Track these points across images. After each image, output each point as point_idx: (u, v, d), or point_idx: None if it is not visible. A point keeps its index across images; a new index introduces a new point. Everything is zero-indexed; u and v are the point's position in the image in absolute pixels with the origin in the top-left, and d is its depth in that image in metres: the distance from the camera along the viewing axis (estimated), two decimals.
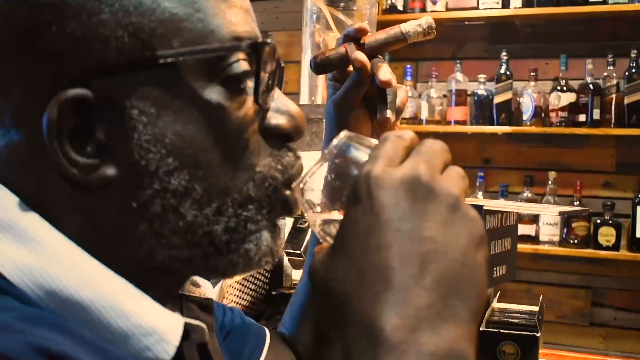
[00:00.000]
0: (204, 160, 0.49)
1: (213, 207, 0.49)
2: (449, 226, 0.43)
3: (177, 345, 0.47)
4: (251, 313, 1.10)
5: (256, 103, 0.51)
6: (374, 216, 0.43)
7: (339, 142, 0.51)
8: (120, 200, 0.48)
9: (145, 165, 0.47)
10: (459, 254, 0.43)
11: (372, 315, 0.41)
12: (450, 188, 0.44)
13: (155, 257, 0.50)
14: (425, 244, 0.42)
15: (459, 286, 0.42)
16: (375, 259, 0.42)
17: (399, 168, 0.45)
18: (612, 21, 2.98)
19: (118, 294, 0.47)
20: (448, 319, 0.41)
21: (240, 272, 0.53)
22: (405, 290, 0.41)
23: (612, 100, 2.86)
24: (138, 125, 0.47)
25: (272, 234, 0.53)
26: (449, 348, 0.40)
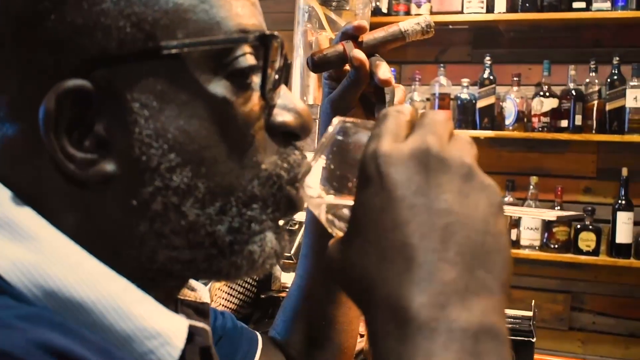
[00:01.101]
0: (207, 156, 0.47)
1: (216, 206, 0.48)
2: (465, 196, 0.41)
3: (181, 348, 0.45)
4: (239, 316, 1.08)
5: (262, 99, 0.49)
6: (387, 194, 0.41)
7: (335, 128, 0.49)
8: (120, 197, 0.46)
9: (146, 161, 0.45)
10: (479, 224, 0.41)
11: (397, 295, 0.39)
12: (462, 157, 0.42)
13: (155, 259, 0.48)
14: (444, 216, 0.40)
15: (484, 256, 0.40)
16: (394, 238, 0.40)
17: (406, 142, 0.43)
18: (595, 28, 3.01)
19: (121, 295, 0.44)
20: (477, 291, 0.39)
21: (244, 275, 0.50)
22: (429, 266, 0.39)
23: (593, 106, 2.89)
24: (139, 119, 0.45)
25: (276, 235, 0.51)
26: (480, 323, 0.38)
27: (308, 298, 0.80)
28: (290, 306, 0.82)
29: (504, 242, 0.41)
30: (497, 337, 0.39)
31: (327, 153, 0.48)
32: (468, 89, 3.08)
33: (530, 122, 2.97)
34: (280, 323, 0.82)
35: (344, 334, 0.81)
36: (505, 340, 0.39)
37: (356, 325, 0.84)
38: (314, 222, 0.80)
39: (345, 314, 0.81)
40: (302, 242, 0.84)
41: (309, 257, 0.80)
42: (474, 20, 3.04)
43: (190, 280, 0.59)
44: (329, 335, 0.80)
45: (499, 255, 0.41)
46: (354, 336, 0.84)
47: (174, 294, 0.55)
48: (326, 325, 0.80)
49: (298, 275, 0.82)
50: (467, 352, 0.37)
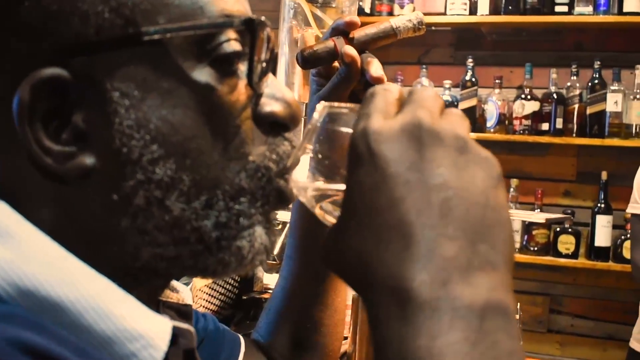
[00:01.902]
0: (192, 148, 0.44)
1: (202, 200, 0.45)
2: (462, 169, 0.39)
3: (165, 351, 0.43)
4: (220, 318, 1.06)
5: (249, 87, 0.47)
6: (379, 172, 0.39)
7: (321, 114, 0.47)
8: (100, 192, 0.44)
9: (128, 153, 0.43)
10: (478, 197, 0.38)
11: (396, 275, 0.37)
12: (456, 129, 0.40)
13: (139, 256, 0.45)
14: (441, 191, 0.38)
15: (486, 230, 0.38)
16: (389, 217, 0.38)
17: (396, 119, 0.41)
18: (577, 32, 3.02)
19: (101, 294, 0.42)
20: (480, 267, 0.37)
21: (232, 272, 0.48)
22: (428, 243, 0.37)
23: (574, 110, 2.90)
24: (120, 109, 0.43)
25: (266, 229, 0.49)
26: (485, 300, 0.36)
27: (292, 300, 0.78)
28: (274, 308, 0.80)
29: (505, 215, 0.39)
30: (504, 313, 0.36)
31: (314, 141, 0.46)
32: (450, 91, 3.08)
33: (511, 125, 2.98)
34: (264, 325, 0.80)
35: (329, 337, 0.80)
36: (513, 317, 0.37)
37: (341, 328, 0.82)
38: (299, 222, 0.78)
39: (331, 317, 0.79)
40: (286, 242, 0.82)
41: (293, 258, 0.79)
42: (456, 22, 3.05)
43: (173, 281, 0.56)
44: (313, 338, 0.79)
45: (501, 229, 0.39)
46: (339, 339, 0.82)
47: (157, 293, 0.53)
48: (311, 328, 0.78)
49: (282, 277, 0.80)
50: (474, 330, 0.35)
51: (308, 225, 0.77)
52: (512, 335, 0.36)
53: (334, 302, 0.79)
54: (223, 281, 1.06)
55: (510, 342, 0.36)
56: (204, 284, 1.00)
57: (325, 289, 0.78)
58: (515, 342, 0.36)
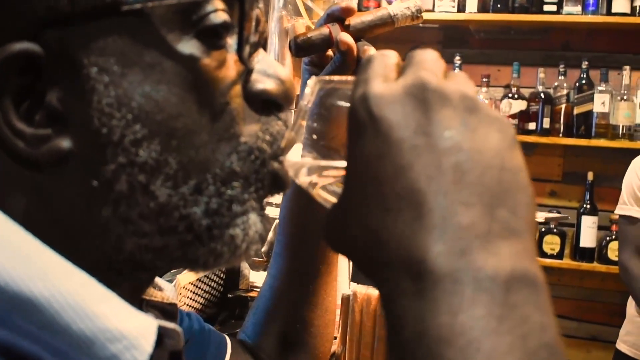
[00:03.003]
0: (178, 127, 0.41)
1: (190, 185, 0.42)
2: (473, 130, 0.35)
3: (150, 353, 0.39)
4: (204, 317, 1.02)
5: (240, 62, 0.44)
6: (383, 138, 0.35)
7: (314, 89, 0.43)
8: (78, 178, 0.40)
9: (108, 134, 0.39)
10: (493, 159, 0.35)
11: (408, 247, 0.34)
12: (463, 89, 0.37)
13: (122, 248, 0.42)
14: (452, 154, 0.35)
15: (504, 195, 0.34)
16: (397, 186, 0.35)
17: (398, 82, 0.37)
18: (565, 31, 3.02)
19: (80, 291, 0.38)
20: (502, 234, 0.33)
21: (225, 263, 0.44)
22: (442, 211, 0.33)
23: (561, 110, 2.90)
24: (98, 86, 0.39)
25: (261, 217, 0.45)
26: (510, 269, 0.33)
27: (281, 299, 0.75)
28: (261, 307, 0.76)
29: (524, 177, 0.36)
30: (532, 284, 0.33)
31: (309, 118, 0.43)
32: None
33: None
34: (251, 325, 0.77)
35: (319, 338, 0.76)
36: (543, 287, 0.33)
37: (332, 328, 0.79)
38: (289, 217, 0.75)
39: (321, 317, 0.76)
40: (274, 239, 0.78)
41: (282, 256, 0.75)
42: (444, 19, 3.02)
43: (157, 278, 0.53)
44: (303, 339, 0.75)
45: (520, 193, 0.35)
46: (329, 340, 0.79)
47: (141, 290, 0.49)
48: (300, 329, 0.75)
49: (270, 275, 0.76)
50: (499, 304, 0.32)
51: (298, 221, 0.74)
52: (542, 308, 0.33)
53: (324, 301, 0.76)
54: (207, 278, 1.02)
55: (541, 315, 0.32)
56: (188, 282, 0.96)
57: (315, 288, 0.75)
58: (547, 316, 0.33)
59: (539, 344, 0.32)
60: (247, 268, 1.07)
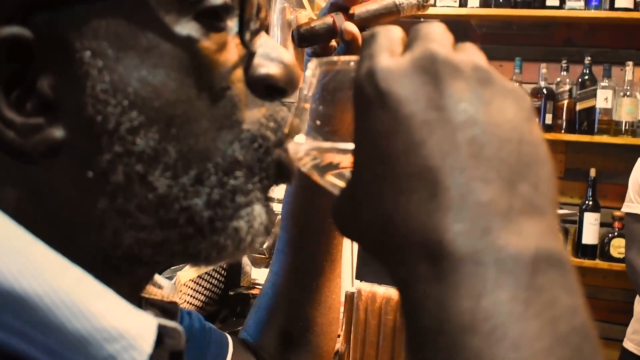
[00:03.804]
0: (177, 114, 0.39)
1: (191, 175, 0.40)
2: (488, 103, 0.33)
3: (149, 353, 0.37)
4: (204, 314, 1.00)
5: (242, 45, 0.42)
6: (391, 114, 0.33)
7: (314, 72, 0.42)
8: (72, 169, 0.38)
9: (102, 122, 0.37)
10: (511, 132, 0.33)
11: (424, 229, 0.31)
12: (475, 60, 0.35)
13: (119, 242, 0.40)
14: (466, 128, 0.32)
15: (525, 169, 0.32)
16: (409, 164, 0.32)
17: (405, 55, 0.35)
18: (567, 27, 3.00)
19: (75, 288, 0.36)
20: (524, 211, 0.31)
21: (229, 257, 0.42)
22: (459, 188, 0.31)
23: (564, 105, 2.88)
24: (92, 71, 0.37)
25: (266, 207, 0.43)
26: (535, 249, 0.30)
27: (284, 297, 0.73)
28: (263, 305, 0.75)
29: (544, 151, 0.34)
30: (559, 264, 0.31)
31: (312, 101, 0.41)
32: None
33: None
34: (253, 324, 0.75)
35: (322, 337, 0.74)
36: (570, 268, 0.31)
37: (336, 326, 0.77)
38: (292, 212, 0.73)
39: (325, 315, 0.74)
40: (277, 235, 0.76)
41: (285, 252, 0.73)
42: (446, 14, 3.00)
43: (156, 276, 0.51)
44: (306, 337, 0.73)
45: (541, 167, 0.33)
46: (332, 338, 0.78)
47: (140, 287, 0.47)
48: (303, 327, 0.73)
49: (273, 272, 0.75)
50: (525, 286, 0.30)
51: (301, 217, 0.72)
52: (571, 290, 0.31)
53: (327, 299, 0.74)
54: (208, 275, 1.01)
55: (570, 297, 0.30)
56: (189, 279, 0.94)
57: (318, 285, 0.73)
58: (577, 298, 0.31)
59: (570, 328, 0.30)
60: (249, 265, 1.05)
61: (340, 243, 0.74)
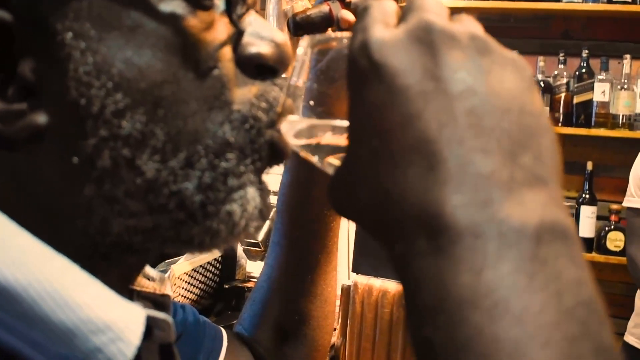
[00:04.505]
0: (164, 95, 0.37)
1: (180, 158, 0.38)
2: (487, 72, 0.32)
3: (137, 345, 0.36)
4: (199, 308, 0.99)
5: (230, 23, 0.41)
6: (386, 87, 0.32)
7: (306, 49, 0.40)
8: (57, 155, 0.37)
9: (87, 105, 0.36)
10: (511, 102, 0.32)
11: (422, 202, 0.30)
12: (472, 30, 0.34)
13: (108, 230, 0.38)
14: (465, 98, 0.31)
15: (527, 140, 0.31)
16: (405, 137, 0.31)
17: (400, 27, 0.34)
18: (565, 19, 2.99)
19: (60, 278, 0.35)
20: (526, 182, 0.30)
21: (223, 242, 0.41)
22: (457, 159, 0.30)
23: (561, 98, 2.87)
24: (74, 52, 0.36)
25: (260, 191, 0.42)
26: (539, 220, 0.29)
27: (279, 290, 0.72)
28: (258, 299, 0.74)
29: (545, 121, 0.32)
30: (564, 235, 0.30)
31: (305, 80, 0.40)
32: None
33: None
34: (248, 317, 0.74)
35: (318, 330, 0.74)
36: (576, 239, 0.30)
37: (331, 320, 0.76)
38: (288, 205, 0.72)
39: (320, 308, 0.73)
40: (272, 227, 0.75)
41: (281, 245, 0.72)
42: None
43: (149, 269, 0.50)
44: (302, 331, 0.73)
45: (543, 137, 0.32)
46: (329, 332, 0.77)
47: (131, 277, 0.46)
48: (299, 321, 0.72)
49: (268, 265, 0.74)
50: (528, 259, 0.28)
51: (297, 208, 0.71)
52: (577, 262, 0.30)
53: (323, 292, 0.73)
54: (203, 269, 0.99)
55: (576, 269, 0.29)
56: (183, 272, 0.93)
57: (314, 278, 0.72)
58: (583, 270, 0.30)
59: (576, 301, 0.28)
60: (244, 258, 1.04)
61: (336, 235, 0.73)
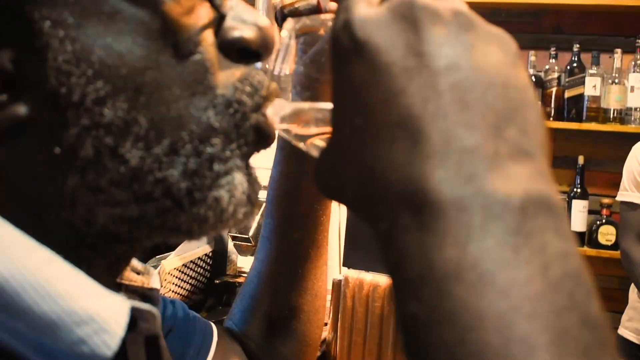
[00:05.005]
0: (146, 81, 0.37)
1: (164, 145, 0.38)
2: (471, 48, 0.32)
3: (121, 336, 0.36)
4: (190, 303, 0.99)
5: (212, 7, 0.40)
6: (370, 64, 0.32)
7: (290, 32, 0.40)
8: (39, 146, 0.37)
9: (67, 94, 0.36)
10: (496, 77, 0.32)
11: (407, 178, 0.30)
12: (455, 5, 0.33)
13: (94, 220, 0.38)
14: (449, 73, 0.31)
15: (511, 113, 0.31)
16: (389, 114, 0.31)
17: (382, 4, 0.34)
18: (556, 14, 2.99)
19: (43, 269, 0.35)
20: (511, 155, 0.30)
21: (211, 229, 0.41)
22: (441, 135, 0.30)
23: (552, 93, 2.87)
24: (52, 41, 0.36)
25: (248, 176, 0.42)
26: (524, 193, 0.29)
27: (269, 284, 0.72)
28: (248, 294, 0.73)
29: (531, 95, 0.32)
30: (550, 208, 0.29)
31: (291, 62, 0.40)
32: None
33: None
34: (238, 312, 0.74)
35: (308, 325, 0.73)
36: (562, 212, 0.30)
37: (322, 314, 0.76)
38: (277, 199, 0.72)
39: (311, 303, 0.73)
40: (262, 222, 0.75)
41: (270, 240, 0.72)
42: None
43: (137, 262, 0.50)
44: (292, 325, 0.72)
45: (529, 111, 0.31)
46: (319, 326, 0.77)
47: (119, 268, 0.45)
48: (289, 315, 0.72)
49: (258, 260, 0.73)
50: (513, 232, 0.28)
51: (286, 202, 0.70)
52: (563, 234, 0.29)
53: (314, 286, 0.73)
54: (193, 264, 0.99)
55: (563, 242, 0.29)
56: (174, 267, 0.93)
57: (304, 272, 0.72)
58: (569, 242, 0.29)
59: (562, 273, 0.28)
60: (235, 253, 1.04)
61: (326, 230, 0.73)
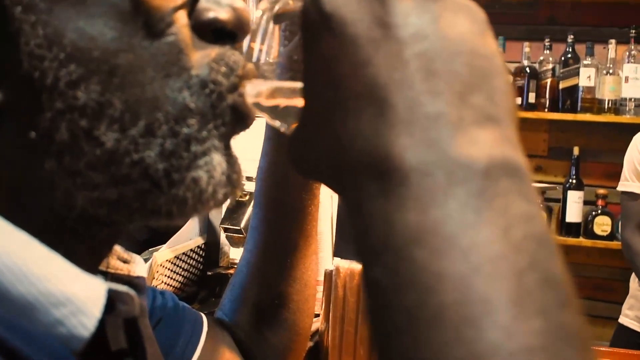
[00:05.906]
0: (119, 63, 0.37)
1: (140, 126, 0.38)
2: (438, 17, 0.32)
3: (98, 317, 0.36)
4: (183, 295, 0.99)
5: None
6: (337, 37, 0.32)
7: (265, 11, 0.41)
8: (14, 132, 0.37)
9: (41, 78, 0.36)
10: (463, 45, 0.31)
11: (372, 147, 0.30)
12: None
13: (72, 204, 0.38)
14: (414, 43, 0.31)
15: (478, 81, 0.31)
16: (356, 85, 0.31)
17: None
18: (550, 5, 2.99)
19: (19, 252, 0.35)
20: (477, 121, 0.30)
21: (192, 211, 0.41)
22: (406, 102, 0.30)
23: (547, 84, 2.88)
24: (24, 26, 0.36)
25: (227, 157, 0.42)
26: (488, 157, 0.29)
27: (258, 274, 0.72)
28: (238, 284, 0.74)
29: (498, 63, 0.32)
30: (515, 172, 0.29)
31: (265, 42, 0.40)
32: None
33: None
34: (228, 303, 0.74)
35: (298, 314, 0.74)
36: (527, 176, 0.30)
37: (312, 304, 0.76)
38: (265, 190, 0.72)
39: (300, 292, 0.73)
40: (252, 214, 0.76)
41: (259, 230, 0.72)
42: None
43: (123, 251, 0.50)
44: (282, 315, 0.73)
45: (496, 78, 0.31)
46: (309, 315, 0.77)
47: (102, 253, 0.45)
48: (279, 305, 0.73)
49: (247, 250, 0.74)
50: (476, 194, 0.28)
51: (275, 192, 0.71)
52: (527, 197, 0.29)
53: (303, 275, 0.74)
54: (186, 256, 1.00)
55: (525, 204, 0.29)
56: (166, 259, 0.94)
57: (293, 261, 0.72)
58: (533, 205, 0.29)
59: (525, 235, 0.28)
60: (227, 245, 1.04)
61: (315, 219, 0.73)
